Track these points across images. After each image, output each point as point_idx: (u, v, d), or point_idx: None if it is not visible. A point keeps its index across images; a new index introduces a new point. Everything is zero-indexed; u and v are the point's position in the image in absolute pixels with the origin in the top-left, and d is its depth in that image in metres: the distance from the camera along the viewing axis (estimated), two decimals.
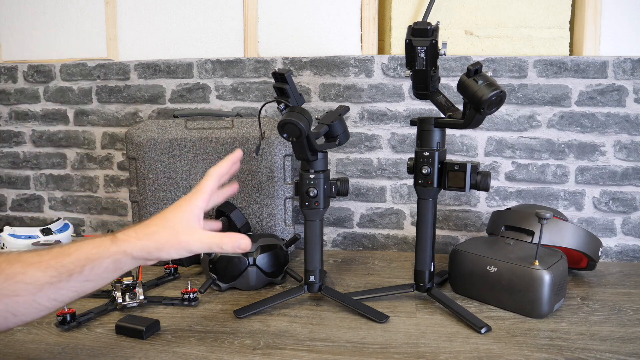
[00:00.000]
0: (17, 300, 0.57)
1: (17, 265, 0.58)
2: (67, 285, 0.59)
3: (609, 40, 1.21)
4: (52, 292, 0.59)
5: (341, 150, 1.31)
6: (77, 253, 0.61)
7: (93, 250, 0.61)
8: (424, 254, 0.93)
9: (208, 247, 0.65)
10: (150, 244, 0.63)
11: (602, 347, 0.76)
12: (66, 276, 0.59)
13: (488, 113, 0.81)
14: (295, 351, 0.76)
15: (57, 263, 0.59)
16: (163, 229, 0.64)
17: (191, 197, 0.67)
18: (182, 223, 0.65)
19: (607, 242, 1.23)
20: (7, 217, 1.50)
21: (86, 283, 0.61)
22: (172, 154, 1.15)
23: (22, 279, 0.57)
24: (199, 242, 0.64)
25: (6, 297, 0.56)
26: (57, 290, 0.59)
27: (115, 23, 1.38)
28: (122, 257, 0.62)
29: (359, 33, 1.30)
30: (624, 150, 1.20)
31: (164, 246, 0.63)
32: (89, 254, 0.61)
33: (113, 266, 0.62)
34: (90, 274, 0.60)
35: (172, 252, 0.64)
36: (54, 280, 0.58)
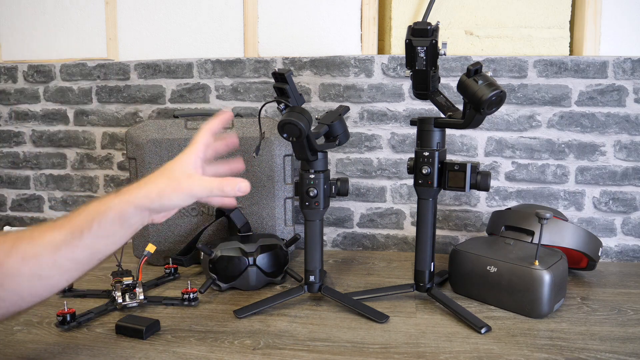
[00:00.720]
0: (40, 261, 0.60)
1: (36, 231, 0.62)
2: (81, 243, 0.62)
3: (609, 40, 1.21)
4: (69, 252, 0.61)
5: (341, 150, 1.31)
6: (85, 211, 0.63)
7: (99, 205, 0.64)
8: (424, 254, 0.93)
9: (209, 190, 0.66)
10: (151, 190, 0.64)
11: (602, 347, 0.76)
12: (78, 233, 0.62)
13: (488, 113, 0.81)
14: (295, 351, 0.76)
15: (68, 222, 0.62)
16: (162, 176, 0.66)
17: (187, 149, 0.70)
18: (180, 170, 0.67)
19: (607, 242, 1.23)
20: (7, 217, 1.50)
21: (98, 240, 0.63)
22: (172, 154, 1.15)
23: (41, 241, 0.61)
24: (199, 186, 0.66)
25: (30, 259, 0.60)
26: (73, 249, 0.61)
27: (115, 23, 1.38)
28: (125, 206, 0.63)
29: (359, 33, 1.30)
30: (624, 150, 1.20)
31: (164, 190, 0.64)
32: (95, 208, 0.63)
33: (119, 219, 0.63)
34: (98, 230, 0.62)
35: (173, 197, 0.65)
36: (68, 238, 0.61)
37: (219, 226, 1.17)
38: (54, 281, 0.62)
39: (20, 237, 0.61)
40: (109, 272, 1.07)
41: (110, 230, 0.63)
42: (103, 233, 0.63)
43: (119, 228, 0.64)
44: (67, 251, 0.61)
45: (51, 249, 0.61)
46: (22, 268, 0.60)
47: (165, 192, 0.64)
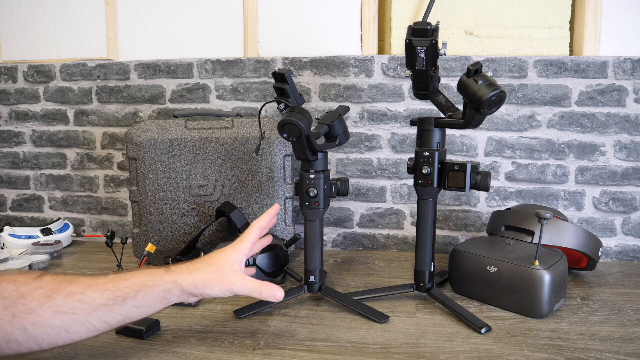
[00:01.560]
0: (73, 318, 0.61)
1: (76, 285, 0.63)
2: (120, 309, 0.64)
3: (609, 40, 1.21)
4: (105, 314, 0.63)
5: (341, 150, 1.31)
6: (132, 278, 0.66)
7: (148, 277, 0.67)
8: (424, 254, 0.93)
9: (249, 291, 0.72)
10: (199, 278, 0.69)
11: (602, 347, 0.76)
12: (121, 299, 0.64)
13: (488, 113, 0.81)
14: (295, 351, 0.76)
15: (114, 286, 0.64)
16: (211, 267, 0.71)
17: (236, 244, 0.75)
18: (227, 264, 0.72)
19: (607, 242, 1.23)
20: (7, 217, 1.50)
21: (135, 309, 0.65)
22: (172, 154, 1.15)
23: (80, 299, 0.62)
24: (241, 285, 0.71)
25: (64, 314, 0.60)
26: (110, 312, 0.63)
27: (115, 23, 1.38)
28: (172, 286, 0.67)
29: (359, 33, 1.30)
30: (624, 150, 1.20)
31: (210, 282, 0.69)
32: (144, 280, 0.66)
33: (162, 295, 0.67)
34: (141, 300, 0.65)
35: (216, 289, 0.70)
36: (109, 303, 0.63)
37: (219, 226, 1.17)
38: (77, 336, 0.63)
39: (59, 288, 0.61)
40: (109, 272, 1.07)
41: (150, 303, 0.66)
42: (143, 304, 0.65)
43: (159, 303, 0.67)
44: (102, 314, 0.63)
45: (88, 308, 0.62)
46: (53, 320, 0.60)
47: (210, 283, 0.69)
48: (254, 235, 0.77)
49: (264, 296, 0.73)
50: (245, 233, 0.77)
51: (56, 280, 0.62)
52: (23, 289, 0.60)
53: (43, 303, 0.60)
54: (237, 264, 0.73)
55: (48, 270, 1.15)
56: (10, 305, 0.58)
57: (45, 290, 0.61)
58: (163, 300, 0.68)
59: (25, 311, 0.59)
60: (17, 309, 0.59)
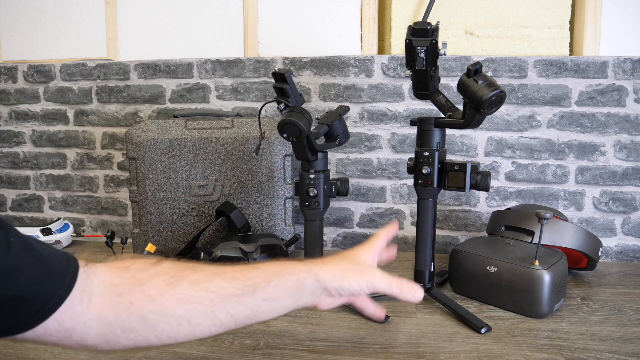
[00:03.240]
0: (198, 308, 0.55)
1: (201, 273, 0.58)
2: (248, 301, 0.58)
3: (609, 40, 1.21)
4: (232, 306, 0.57)
5: (341, 150, 1.31)
6: (264, 267, 0.60)
7: (281, 266, 0.61)
8: (424, 254, 0.93)
9: (389, 285, 0.65)
10: (335, 268, 0.63)
11: (602, 347, 0.76)
12: (250, 289, 0.58)
13: (488, 113, 0.81)
14: (295, 351, 0.76)
15: (243, 275, 0.59)
16: (345, 260, 0.66)
17: (367, 244, 0.71)
18: (362, 258, 0.68)
19: (607, 242, 1.23)
20: (7, 217, 1.50)
21: (264, 303, 0.59)
22: (172, 154, 1.15)
23: (207, 287, 0.56)
24: (381, 278, 0.65)
25: (188, 303, 0.55)
26: (238, 304, 0.57)
27: (115, 23, 1.38)
28: (307, 276, 0.61)
29: (359, 33, 1.30)
30: (624, 150, 1.20)
31: (347, 272, 0.64)
32: (277, 269, 0.61)
33: (295, 287, 0.61)
34: (273, 292, 0.59)
35: (354, 280, 0.63)
36: (237, 293, 0.57)
37: (219, 226, 1.17)
38: (200, 330, 0.57)
39: (182, 275, 0.56)
40: None
41: (282, 295, 0.60)
42: (274, 297, 0.59)
43: (290, 297, 0.61)
44: (230, 305, 0.57)
45: (215, 298, 0.56)
46: (176, 309, 0.55)
47: (347, 273, 0.63)
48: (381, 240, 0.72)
49: (404, 292, 0.65)
50: (376, 235, 0.73)
51: (178, 267, 0.57)
52: (140, 275, 0.55)
53: (165, 290, 0.54)
54: (371, 260, 0.68)
55: None
56: (126, 293, 0.54)
57: (167, 277, 0.55)
58: (295, 294, 0.61)
59: (143, 298, 0.54)
60: (134, 296, 0.54)
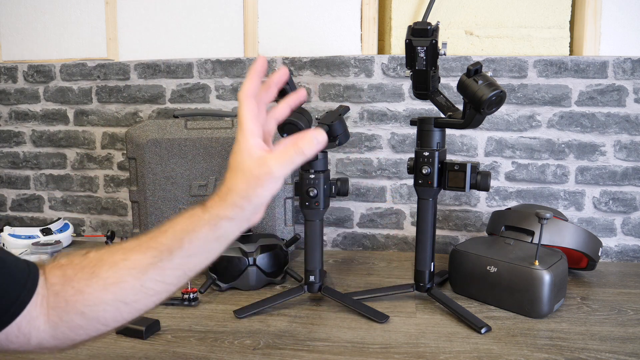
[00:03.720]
0: (125, 287, 0.56)
1: (117, 253, 0.57)
2: (171, 264, 0.57)
3: (609, 40, 1.21)
4: (157, 274, 0.57)
5: (341, 150, 1.31)
6: (172, 229, 0.58)
7: (187, 222, 0.58)
8: (424, 254, 0.93)
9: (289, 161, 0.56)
10: (234, 197, 0.57)
11: (602, 347, 0.76)
12: (167, 254, 0.57)
13: (488, 113, 0.81)
14: (295, 351, 0.76)
15: (155, 242, 0.57)
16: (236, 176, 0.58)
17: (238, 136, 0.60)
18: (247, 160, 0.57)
19: (607, 242, 1.23)
20: (7, 217, 1.50)
21: (190, 258, 0.58)
22: (172, 154, 1.15)
23: (125, 265, 0.56)
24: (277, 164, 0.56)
25: (113, 285, 0.55)
26: (162, 270, 0.57)
27: (115, 23, 1.38)
28: (217, 221, 0.57)
29: (359, 33, 1.30)
30: (624, 150, 1.20)
31: (247, 191, 0.57)
32: (184, 226, 0.58)
33: (212, 234, 0.58)
34: (190, 247, 0.57)
35: (259, 191, 0.56)
36: (155, 261, 0.56)
37: None
38: (140, 305, 0.57)
39: (100, 261, 0.56)
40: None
41: (205, 246, 0.58)
42: (196, 250, 0.58)
43: (215, 243, 0.59)
44: (154, 274, 0.56)
45: (136, 273, 0.56)
46: (105, 296, 0.55)
47: (248, 192, 0.57)
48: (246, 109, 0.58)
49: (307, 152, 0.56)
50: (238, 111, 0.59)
51: (99, 253, 0.57)
52: (69, 272, 0.56)
53: (89, 280, 0.55)
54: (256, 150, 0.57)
55: None
56: (61, 291, 0.55)
57: (89, 268, 0.56)
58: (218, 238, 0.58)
59: (75, 294, 0.54)
60: (67, 294, 0.55)
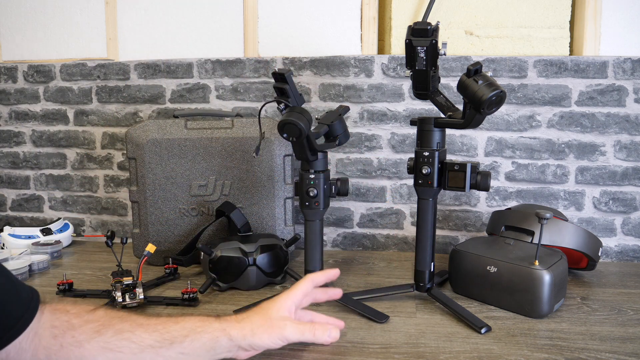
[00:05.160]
0: (119, 357, 0.59)
1: (126, 323, 0.61)
2: (166, 353, 0.61)
3: (609, 40, 1.21)
4: (150, 357, 0.60)
5: (341, 150, 1.31)
6: (183, 322, 0.64)
7: (198, 323, 0.65)
8: (424, 254, 0.93)
9: (301, 333, 0.69)
10: (247, 327, 0.67)
11: (602, 347, 0.76)
12: (168, 343, 0.61)
13: (488, 113, 0.81)
14: (295, 351, 0.76)
15: (164, 328, 0.62)
16: (258, 314, 0.69)
17: (286, 293, 0.74)
18: (274, 311, 0.70)
19: (607, 242, 1.23)
20: (7, 217, 1.50)
21: (181, 356, 0.62)
22: (172, 154, 1.15)
23: (129, 337, 0.60)
24: (292, 329, 0.69)
25: (110, 351, 0.58)
26: (156, 356, 0.61)
27: (115, 23, 1.38)
28: (220, 335, 0.64)
29: (359, 33, 1.30)
30: (624, 150, 1.20)
31: (258, 330, 0.67)
32: (194, 325, 0.64)
33: (210, 344, 0.64)
34: (188, 346, 0.62)
35: (264, 337, 0.67)
36: (156, 345, 0.61)
37: (219, 226, 1.17)
38: None
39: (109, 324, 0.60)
40: (109, 272, 1.07)
41: (197, 351, 0.63)
42: (190, 351, 0.62)
43: (205, 353, 0.64)
44: (148, 356, 0.60)
45: (135, 349, 0.59)
46: (99, 357, 0.58)
47: (257, 331, 0.66)
48: (305, 286, 0.76)
49: (317, 337, 0.71)
50: (297, 282, 0.76)
51: (108, 315, 0.61)
52: (75, 321, 0.59)
53: (92, 338, 0.58)
54: (286, 311, 0.71)
55: (48, 269, 1.15)
56: (60, 335, 0.58)
57: (96, 325, 0.59)
58: (210, 351, 0.64)
59: (73, 343, 0.58)
60: (66, 340, 0.58)
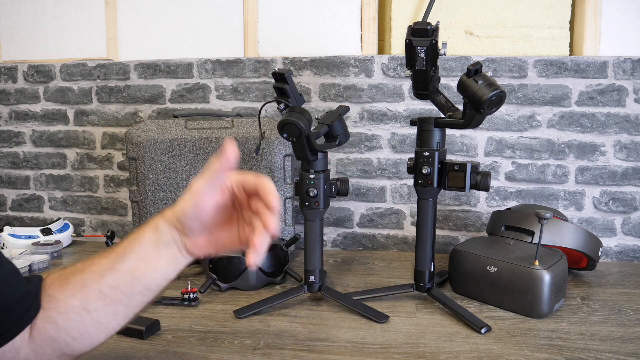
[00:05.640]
0: (87, 292, 0.59)
1: (88, 261, 0.62)
2: (124, 267, 0.60)
3: (609, 40, 1.21)
4: (111, 279, 0.60)
5: (341, 150, 1.31)
6: (131, 236, 0.63)
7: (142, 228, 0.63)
8: (424, 254, 0.93)
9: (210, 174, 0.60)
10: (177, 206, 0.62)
11: (602, 347, 0.76)
12: (121, 256, 0.61)
13: (488, 113, 0.81)
14: (295, 351, 0.76)
15: (116, 247, 0.62)
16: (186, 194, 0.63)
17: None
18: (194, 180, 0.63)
19: (607, 242, 1.23)
20: (7, 217, 1.50)
21: (137, 263, 0.61)
22: (172, 154, 1.15)
23: (90, 269, 0.60)
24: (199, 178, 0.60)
25: (79, 290, 0.59)
26: (116, 274, 0.60)
27: (115, 23, 1.38)
28: (158, 220, 0.62)
29: (359, 33, 1.30)
30: (624, 150, 1.20)
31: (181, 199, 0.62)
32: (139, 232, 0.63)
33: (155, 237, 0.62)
34: (139, 250, 0.61)
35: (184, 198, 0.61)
36: (112, 263, 0.60)
37: None
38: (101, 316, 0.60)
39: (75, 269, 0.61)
40: None
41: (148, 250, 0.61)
42: (143, 254, 0.61)
43: (154, 247, 0.62)
44: (110, 277, 0.60)
45: (97, 277, 0.60)
46: (73, 301, 0.58)
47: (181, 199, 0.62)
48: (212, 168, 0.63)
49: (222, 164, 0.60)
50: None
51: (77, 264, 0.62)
52: (47, 281, 0.60)
53: (62, 287, 0.59)
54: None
55: (48, 269, 1.15)
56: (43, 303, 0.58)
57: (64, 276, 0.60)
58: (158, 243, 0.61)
59: (50, 301, 0.58)
60: (45, 303, 0.58)
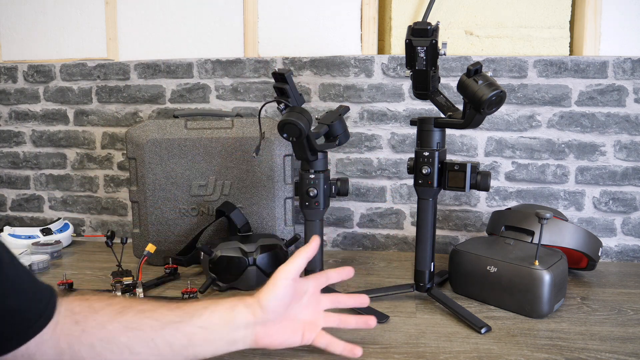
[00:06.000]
0: (139, 336, 0.59)
1: (148, 304, 0.62)
2: (185, 328, 0.61)
3: (609, 40, 1.21)
4: (170, 334, 0.61)
5: (341, 150, 1.31)
6: (204, 301, 0.65)
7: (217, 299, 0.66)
8: (424, 254, 0.93)
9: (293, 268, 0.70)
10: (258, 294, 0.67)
11: (602, 347, 0.76)
12: (188, 317, 0.62)
13: (488, 113, 0.81)
14: (295, 351, 0.76)
15: (186, 305, 0.64)
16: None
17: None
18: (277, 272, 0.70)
19: (607, 242, 1.23)
20: (7, 217, 1.50)
21: (200, 330, 0.62)
22: (172, 154, 1.15)
23: (151, 315, 0.61)
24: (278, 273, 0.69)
25: (131, 330, 0.59)
26: (176, 332, 0.61)
27: (115, 23, 1.38)
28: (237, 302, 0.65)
29: (359, 33, 1.30)
30: (624, 150, 1.20)
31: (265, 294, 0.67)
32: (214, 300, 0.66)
33: (228, 315, 0.64)
34: (207, 319, 0.63)
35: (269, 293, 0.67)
36: (177, 320, 0.61)
37: (219, 226, 1.17)
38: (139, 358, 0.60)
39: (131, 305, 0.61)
40: (109, 272, 1.07)
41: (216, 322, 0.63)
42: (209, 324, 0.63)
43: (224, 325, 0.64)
44: (169, 333, 0.60)
45: (156, 325, 0.60)
46: (121, 336, 0.58)
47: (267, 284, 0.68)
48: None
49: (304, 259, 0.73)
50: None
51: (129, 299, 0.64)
52: (96, 305, 0.60)
53: (114, 319, 0.59)
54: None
55: (48, 269, 1.15)
56: (82, 321, 0.58)
57: (118, 307, 0.60)
58: (229, 323, 0.64)
59: (95, 326, 0.58)
60: (88, 324, 0.58)
